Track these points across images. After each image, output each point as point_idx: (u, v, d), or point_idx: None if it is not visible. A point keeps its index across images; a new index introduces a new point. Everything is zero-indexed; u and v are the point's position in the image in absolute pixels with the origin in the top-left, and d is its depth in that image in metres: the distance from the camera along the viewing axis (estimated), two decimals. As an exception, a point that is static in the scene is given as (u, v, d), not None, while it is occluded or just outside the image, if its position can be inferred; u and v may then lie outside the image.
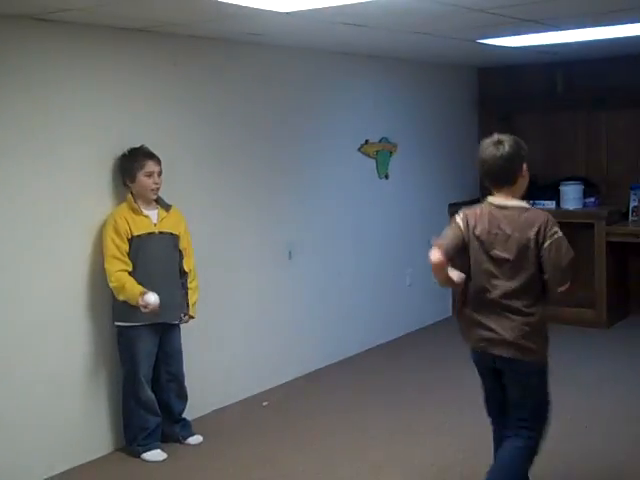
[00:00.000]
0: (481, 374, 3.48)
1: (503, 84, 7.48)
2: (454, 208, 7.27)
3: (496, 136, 3.35)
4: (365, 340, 6.28)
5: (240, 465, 4.21)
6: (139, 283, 4.18)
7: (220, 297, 5.03)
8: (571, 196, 6.73)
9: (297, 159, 5.65)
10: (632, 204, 6.68)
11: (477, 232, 3.31)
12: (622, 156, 7.01)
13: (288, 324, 5.58)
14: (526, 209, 3.29)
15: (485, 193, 3.51)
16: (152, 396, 4.32)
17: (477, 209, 3.38)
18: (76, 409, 4.25)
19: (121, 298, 4.17)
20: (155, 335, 4.31)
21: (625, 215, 6.75)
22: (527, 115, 7.32)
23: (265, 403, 5.14)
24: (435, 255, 3.35)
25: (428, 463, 4.17)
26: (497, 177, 3.32)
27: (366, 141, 6.28)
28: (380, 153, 6.44)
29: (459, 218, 3.40)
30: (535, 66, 7.13)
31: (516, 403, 3.31)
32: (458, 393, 5.21)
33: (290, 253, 5.58)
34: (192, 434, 4.52)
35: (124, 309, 4.20)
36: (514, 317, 3.23)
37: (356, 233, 6.21)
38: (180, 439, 4.48)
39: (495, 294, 3.26)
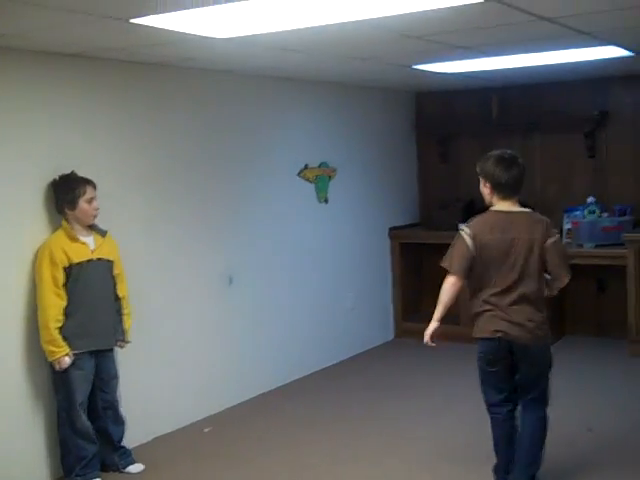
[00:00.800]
0: (493, 361, 3.81)
1: (440, 108, 7.61)
2: (394, 232, 7.39)
3: (508, 152, 3.85)
4: (308, 364, 6.28)
5: (181, 493, 4.17)
6: (74, 311, 4.16)
7: (161, 323, 4.99)
8: (506, 219, 6.84)
9: (236, 184, 5.65)
10: (566, 226, 6.82)
11: (488, 238, 3.73)
12: (555, 179, 7.18)
13: (230, 350, 5.55)
14: (530, 213, 3.85)
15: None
16: (88, 424, 4.26)
17: (483, 218, 3.81)
18: (13, 438, 4.16)
19: (43, 339, 4.11)
20: (90, 362, 4.26)
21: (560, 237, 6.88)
22: (464, 138, 7.46)
23: (207, 429, 5.10)
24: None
25: (370, 485, 4.18)
26: (512, 189, 3.79)
27: (305, 166, 6.32)
28: (319, 178, 6.49)
29: (466, 235, 3.78)
30: (471, 91, 7.28)
31: (533, 381, 3.82)
32: (401, 413, 5.24)
33: (230, 279, 5.56)
34: (132, 462, 4.47)
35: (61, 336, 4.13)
36: (529, 308, 3.73)
37: (297, 257, 6.22)
38: (120, 467, 4.42)
39: (512, 289, 3.71)
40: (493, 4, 3.46)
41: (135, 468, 4.45)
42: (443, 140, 7.59)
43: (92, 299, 4.24)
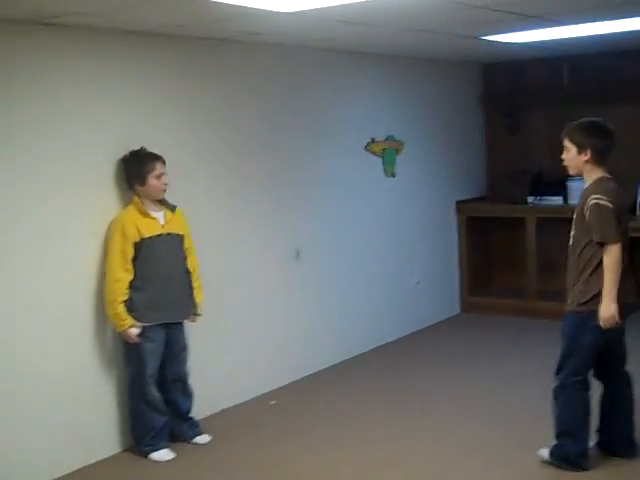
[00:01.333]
0: (600, 336, 3.78)
1: (508, 80, 7.47)
2: (461, 205, 7.31)
3: (600, 120, 3.92)
4: (373, 338, 6.28)
5: (248, 464, 4.23)
6: (146, 284, 4.23)
7: (228, 297, 5.05)
8: (578, 191, 6.66)
9: (304, 159, 5.65)
10: (639, 199, 6.65)
11: (618, 205, 3.76)
12: (628, 151, 6.96)
13: (296, 323, 5.59)
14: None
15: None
16: (159, 396, 4.34)
17: (607, 186, 3.78)
18: (84, 409, 4.27)
19: (107, 311, 4.21)
20: (162, 335, 4.34)
21: (633, 210, 6.72)
22: (532, 110, 7.31)
23: (273, 402, 5.15)
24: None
25: (432, 461, 4.17)
26: (609, 156, 3.86)
27: (372, 139, 6.28)
28: (387, 151, 6.45)
29: (605, 202, 3.70)
30: (539, 61, 7.12)
31: (620, 351, 3.96)
32: (465, 392, 5.22)
33: (298, 253, 5.59)
34: (200, 433, 4.54)
35: (131, 309, 4.22)
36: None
37: (364, 232, 6.21)
38: (188, 438, 4.50)
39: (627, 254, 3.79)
40: (564, -29, 3.37)
41: (202, 439, 4.53)
42: (511, 112, 7.46)
43: (163, 273, 4.30)
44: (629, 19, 4.90)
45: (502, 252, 7.48)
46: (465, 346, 6.30)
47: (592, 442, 3.95)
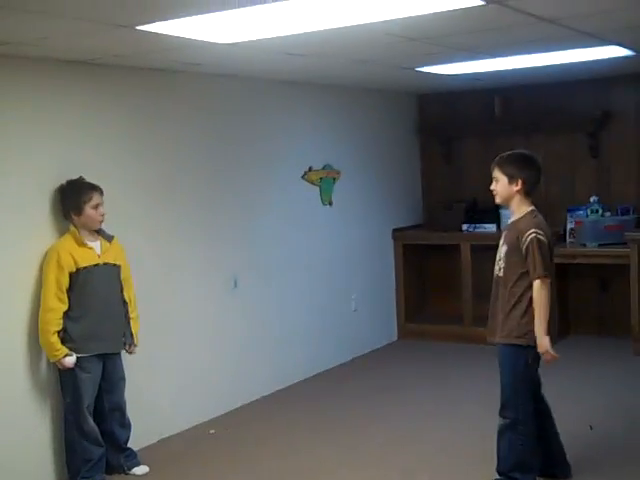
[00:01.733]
0: (537, 366, 3.95)
1: (442, 110, 7.63)
2: (398, 233, 7.40)
3: (528, 152, 4.06)
4: (312, 366, 6.30)
5: (187, 494, 4.19)
6: (82, 315, 4.20)
7: (165, 326, 5.02)
8: (509, 219, 6.85)
9: (240, 188, 5.67)
10: (569, 226, 6.84)
11: (549, 239, 3.85)
12: (559, 179, 7.19)
13: (234, 352, 5.58)
14: None
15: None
16: (95, 427, 4.29)
17: (539, 220, 3.88)
18: (17, 441, 4.18)
19: (41, 341, 4.17)
20: (98, 365, 4.29)
21: (563, 237, 6.92)
22: (467, 140, 7.48)
23: (212, 431, 5.12)
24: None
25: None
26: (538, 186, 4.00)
27: (310, 168, 6.34)
28: (324, 180, 6.51)
29: (542, 237, 3.79)
30: (473, 92, 7.29)
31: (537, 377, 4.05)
32: (407, 414, 5.27)
33: (235, 282, 5.59)
34: (138, 464, 4.49)
35: (66, 340, 4.16)
36: None
37: (301, 260, 6.25)
38: (125, 469, 4.44)
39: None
40: (494, 7, 3.48)
41: (140, 470, 4.47)
42: (446, 141, 7.61)
43: (99, 303, 4.27)
44: (556, 52, 5.07)
45: (438, 279, 7.59)
46: (403, 372, 6.36)
47: None
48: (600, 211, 6.75)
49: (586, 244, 6.61)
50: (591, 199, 6.81)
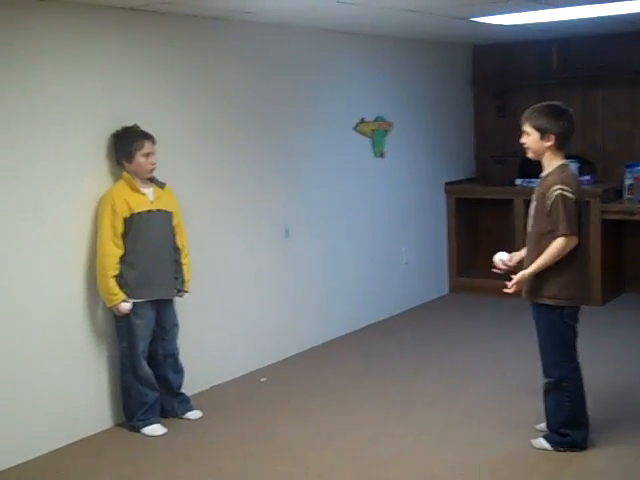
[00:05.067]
0: (576, 325, 3.87)
1: (498, 61, 7.50)
2: (450, 186, 7.34)
3: (559, 103, 3.89)
4: (362, 318, 6.33)
5: (239, 439, 4.27)
6: (136, 261, 4.26)
7: (216, 274, 5.07)
8: (566, 174, 6.73)
9: (293, 138, 5.67)
10: (627, 182, 6.70)
11: (579, 195, 3.73)
12: (617, 134, 7.04)
13: (285, 301, 5.63)
14: None
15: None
16: (150, 371, 4.38)
17: (570, 174, 3.80)
18: (76, 385, 4.29)
19: (99, 286, 4.24)
20: (152, 311, 4.36)
21: (620, 193, 6.79)
22: (522, 93, 7.34)
23: (263, 379, 5.19)
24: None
25: (423, 436, 4.23)
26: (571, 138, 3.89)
27: (362, 120, 6.30)
28: (376, 132, 6.47)
29: (568, 193, 3.68)
30: (530, 43, 7.15)
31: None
32: (455, 369, 5.28)
33: (287, 231, 5.61)
34: (191, 409, 4.58)
35: (122, 285, 4.24)
36: None
37: (353, 212, 6.24)
38: (179, 414, 4.54)
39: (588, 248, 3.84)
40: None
41: (193, 415, 4.56)
42: (501, 94, 7.48)
43: (153, 250, 4.32)
44: (620, 2, 4.93)
45: (491, 233, 7.52)
46: (453, 325, 6.36)
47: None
48: (659, 167, 6.60)
49: (644, 201, 6.48)
50: (650, 154, 6.66)
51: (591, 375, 3.96)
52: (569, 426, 3.87)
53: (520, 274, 3.79)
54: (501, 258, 4.02)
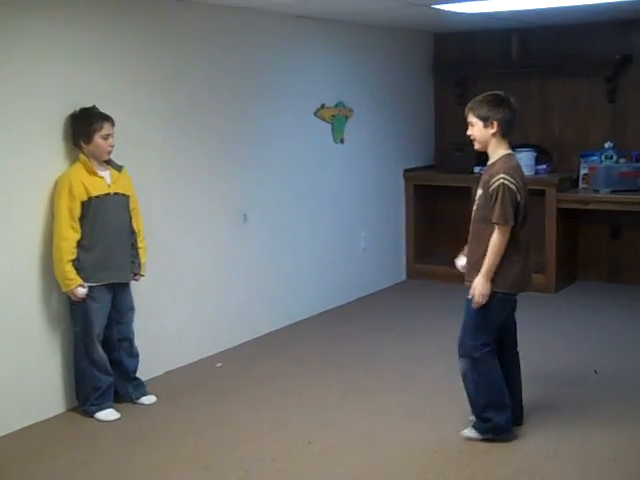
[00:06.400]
0: (505, 313, 3.95)
1: (458, 50, 7.53)
2: (409, 173, 7.37)
3: (500, 92, 3.91)
4: (319, 303, 6.34)
5: (193, 425, 4.25)
6: (93, 245, 4.22)
7: (173, 259, 5.04)
8: (524, 163, 6.61)
9: (254, 123, 5.63)
10: (582, 171, 6.79)
11: (521, 185, 3.78)
12: (574, 124, 7.12)
13: (242, 287, 5.61)
14: None
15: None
16: (105, 356, 4.34)
17: (513, 164, 3.82)
18: (28, 368, 4.24)
19: (55, 270, 4.19)
20: (108, 295, 4.33)
21: (576, 182, 6.87)
22: (482, 81, 7.34)
23: (219, 364, 5.18)
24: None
25: (378, 421, 4.26)
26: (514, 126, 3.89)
27: (322, 105, 6.29)
28: (336, 118, 6.46)
29: (510, 183, 3.72)
30: (491, 32, 7.18)
31: (514, 330, 4.06)
32: (410, 354, 5.31)
33: (245, 217, 5.59)
34: (145, 394, 4.55)
35: (78, 269, 4.19)
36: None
37: (311, 197, 6.23)
38: (133, 399, 4.51)
39: (527, 239, 3.86)
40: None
41: (148, 399, 4.54)
42: (461, 82, 7.51)
43: (110, 233, 4.28)
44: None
45: (448, 220, 7.56)
46: (410, 311, 6.40)
47: None
48: (614, 157, 6.67)
49: (599, 190, 6.55)
50: (606, 145, 6.73)
51: (541, 361, 4.02)
52: (491, 409, 3.90)
53: (476, 281, 3.80)
54: (462, 264, 4.06)
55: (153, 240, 4.61)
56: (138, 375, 4.56)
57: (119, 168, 4.36)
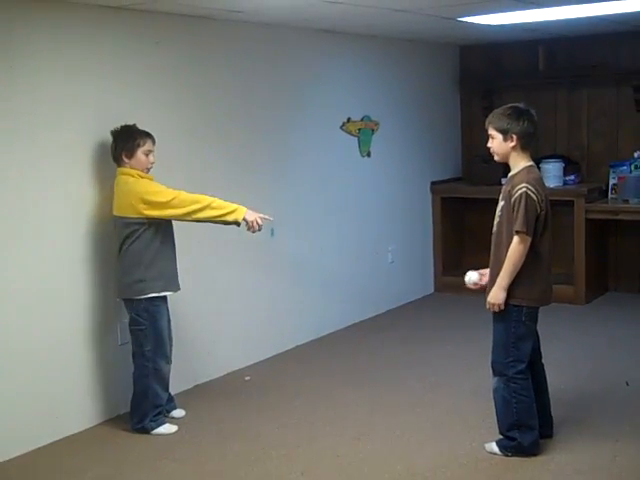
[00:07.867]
0: (532, 327, 3.89)
1: (485, 62, 7.51)
2: (436, 186, 7.35)
3: (522, 104, 3.88)
4: (347, 317, 6.33)
5: (222, 438, 4.26)
6: (159, 257, 4.26)
7: (202, 273, 5.06)
8: (552, 174, 6.76)
9: (279, 137, 5.66)
10: (612, 182, 6.74)
11: (543, 197, 3.73)
12: (602, 134, 7.07)
13: (270, 300, 5.62)
14: None
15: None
16: (168, 371, 4.37)
17: (537, 174, 3.81)
18: (59, 383, 4.27)
19: (209, 213, 4.24)
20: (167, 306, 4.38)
21: (605, 192, 6.82)
22: (508, 93, 7.33)
23: (247, 378, 5.19)
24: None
25: (406, 435, 4.23)
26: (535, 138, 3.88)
27: (348, 119, 6.30)
28: (362, 131, 6.47)
29: (532, 193, 3.68)
30: (517, 43, 7.16)
31: (538, 344, 4.00)
32: (438, 368, 5.29)
33: (272, 231, 5.59)
34: (175, 407, 4.56)
35: (149, 279, 4.22)
36: None
37: (338, 211, 6.24)
38: (164, 413, 4.51)
39: (550, 250, 3.82)
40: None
41: (177, 413, 4.55)
42: (487, 93, 7.49)
43: (168, 244, 4.34)
44: (607, 2, 4.94)
45: (476, 232, 7.53)
46: (438, 324, 6.37)
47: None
48: (644, 167, 6.62)
49: (629, 200, 6.50)
50: (635, 154, 6.68)
51: (571, 373, 3.98)
52: (517, 429, 3.85)
53: (492, 293, 3.79)
54: (471, 279, 4.05)
55: (183, 255, 4.62)
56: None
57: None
